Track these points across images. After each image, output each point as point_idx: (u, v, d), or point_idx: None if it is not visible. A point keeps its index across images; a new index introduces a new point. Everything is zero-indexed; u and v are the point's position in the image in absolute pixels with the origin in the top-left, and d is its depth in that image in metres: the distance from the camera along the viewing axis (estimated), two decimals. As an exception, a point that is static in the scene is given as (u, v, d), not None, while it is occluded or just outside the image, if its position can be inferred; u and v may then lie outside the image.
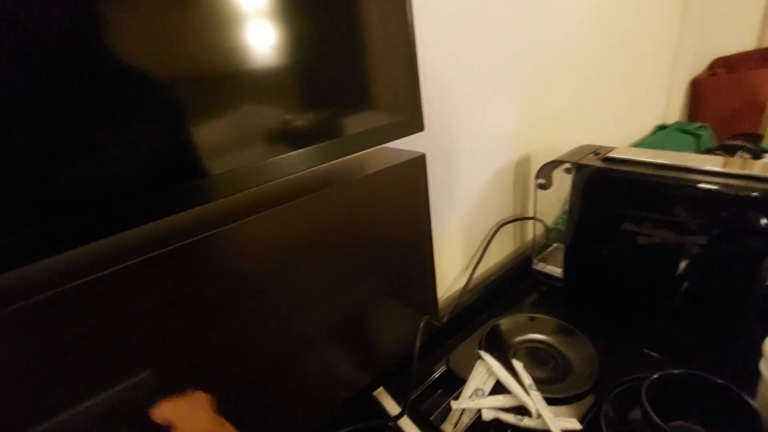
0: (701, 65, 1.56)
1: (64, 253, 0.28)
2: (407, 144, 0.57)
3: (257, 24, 0.33)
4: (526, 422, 0.50)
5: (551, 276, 0.80)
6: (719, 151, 0.97)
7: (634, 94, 1.21)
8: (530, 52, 0.78)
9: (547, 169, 0.72)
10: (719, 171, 0.54)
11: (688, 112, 1.54)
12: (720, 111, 1.43)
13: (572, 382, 0.55)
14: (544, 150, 0.86)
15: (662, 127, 1.31)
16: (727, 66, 1.56)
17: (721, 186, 0.52)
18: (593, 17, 0.92)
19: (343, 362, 0.53)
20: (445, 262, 0.74)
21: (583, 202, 0.68)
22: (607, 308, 0.71)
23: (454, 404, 0.53)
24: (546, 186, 0.74)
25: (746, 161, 0.55)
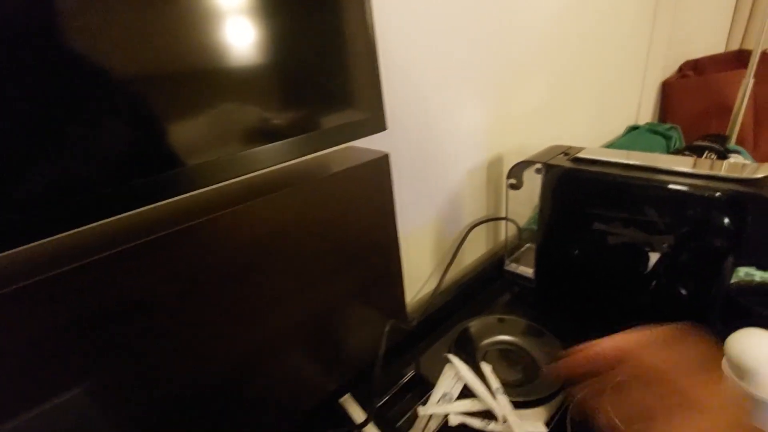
0: (672, 68, 1.60)
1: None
2: (377, 143, 0.55)
3: (219, 21, 0.31)
4: (492, 427, 0.49)
5: (523, 277, 0.79)
6: (687, 152, 0.98)
7: (607, 95, 1.22)
8: (502, 52, 0.77)
9: (518, 170, 0.72)
10: (685, 171, 0.54)
11: (660, 114, 1.57)
12: (689, 112, 1.46)
13: (540, 385, 0.55)
14: (517, 150, 0.86)
15: (634, 128, 1.33)
16: (697, 69, 1.60)
17: (687, 186, 0.52)
18: (565, 19, 0.92)
19: (308, 368, 0.51)
20: (417, 264, 0.73)
21: (553, 203, 0.68)
22: (578, 308, 0.71)
23: (421, 410, 0.52)
24: (517, 186, 0.73)
25: (712, 162, 0.55)
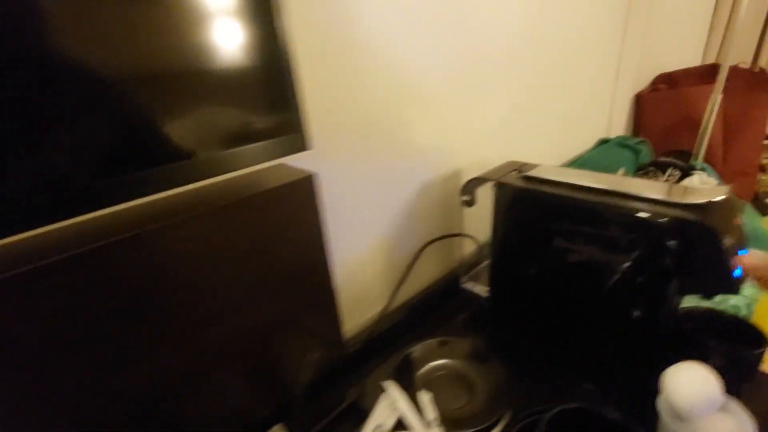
0: (646, 80, 1.60)
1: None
2: (324, 160, 0.53)
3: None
4: (423, 464, 0.46)
5: (479, 295, 0.77)
6: (652, 168, 0.98)
7: (577, 108, 1.22)
8: (462, 67, 0.75)
9: (471, 186, 0.70)
10: (631, 194, 0.52)
11: (633, 126, 1.57)
12: (661, 126, 1.46)
13: (479, 415, 0.52)
14: (478, 164, 0.84)
15: (605, 141, 1.33)
16: (671, 82, 1.60)
17: (630, 210, 0.50)
18: (530, 33, 0.91)
19: (238, 393, 0.48)
20: (368, 285, 0.71)
21: (504, 221, 0.66)
22: (530, 329, 0.69)
23: (352, 443, 0.49)
24: (471, 203, 0.71)
25: (660, 184, 0.54)
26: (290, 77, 0.39)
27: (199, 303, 0.40)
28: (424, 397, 0.53)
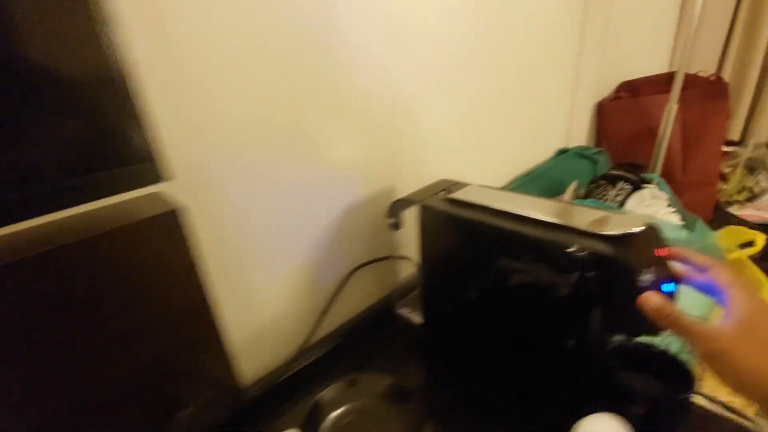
0: (609, 88, 1.58)
1: None
2: (238, 181, 0.48)
3: None
4: None
5: (413, 323, 0.72)
6: (603, 181, 0.94)
7: (534, 118, 1.18)
8: (396, 73, 0.70)
9: (397, 208, 0.64)
10: (549, 222, 0.48)
11: (595, 136, 1.54)
12: (622, 135, 1.44)
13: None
14: (414, 182, 0.79)
15: (564, 151, 1.30)
16: (633, 90, 1.58)
17: (546, 240, 0.46)
18: (475, 39, 0.87)
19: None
20: (280, 319, 0.65)
21: (429, 245, 0.61)
22: (462, 362, 0.64)
23: None
24: (397, 226, 0.66)
25: (584, 210, 0.49)
26: (128, 95, 0.33)
27: (56, 350, 0.34)
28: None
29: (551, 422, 0.49)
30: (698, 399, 0.54)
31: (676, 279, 0.45)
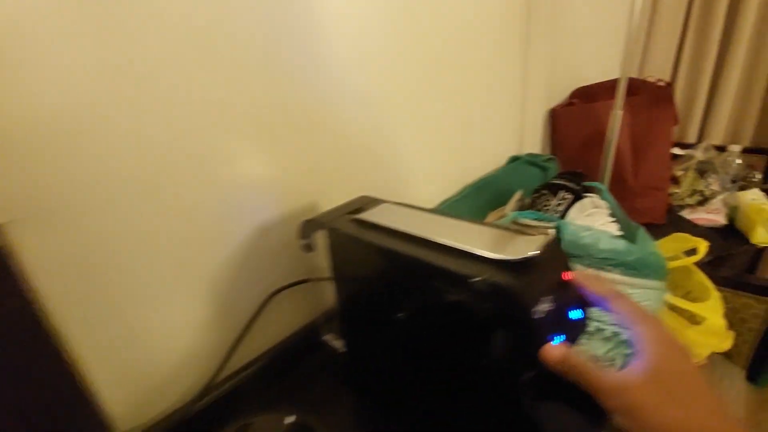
0: (563, 94, 1.57)
1: None
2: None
3: None
4: None
5: (338, 350, 0.67)
6: (544, 190, 0.91)
7: (481, 126, 1.15)
8: (312, 83, 0.66)
9: (308, 229, 0.60)
10: (448, 245, 0.44)
11: (550, 143, 1.53)
12: (574, 142, 1.43)
13: None
14: (342, 200, 0.74)
15: (515, 159, 1.27)
16: (586, 96, 1.58)
17: (437, 264, 0.42)
18: (408, 48, 0.83)
19: None
20: (187, 358, 0.59)
21: (336, 268, 0.56)
22: (379, 391, 0.59)
23: None
24: (310, 248, 0.61)
25: (493, 231, 0.45)
26: None
27: None
28: None
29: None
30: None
31: (584, 304, 0.42)
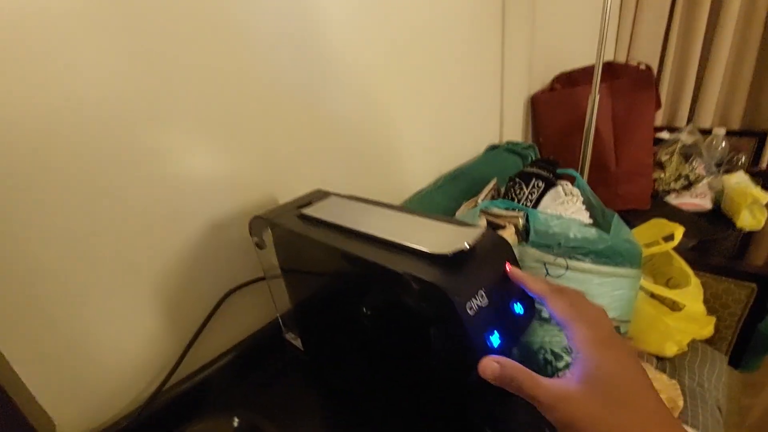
0: (545, 80, 1.54)
1: None
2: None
3: None
4: None
5: (298, 349, 0.65)
6: (517, 179, 0.89)
7: (458, 114, 1.12)
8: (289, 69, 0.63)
9: (257, 225, 0.57)
10: (385, 240, 0.41)
11: (531, 130, 1.51)
12: (555, 128, 1.40)
13: None
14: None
15: (494, 147, 1.25)
16: (569, 81, 1.55)
17: (371, 260, 0.39)
18: (384, 36, 0.80)
19: None
20: (137, 363, 0.57)
21: (284, 264, 0.54)
22: (336, 389, 0.58)
23: None
24: (261, 245, 0.59)
25: (436, 223, 0.43)
26: None
27: None
28: None
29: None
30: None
31: (527, 298, 0.40)
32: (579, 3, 1.61)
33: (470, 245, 0.36)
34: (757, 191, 1.23)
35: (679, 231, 0.86)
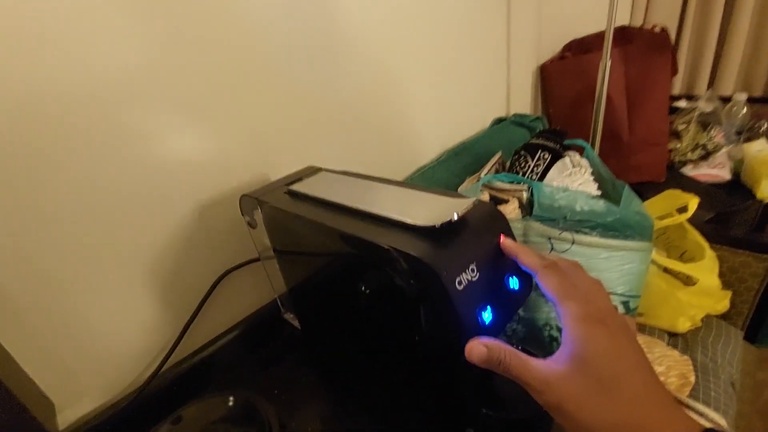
0: (555, 48, 1.47)
1: None
2: None
3: None
4: None
5: (298, 328, 0.65)
6: (523, 151, 0.85)
7: (462, 87, 1.08)
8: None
9: (246, 204, 0.56)
10: (373, 214, 0.39)
11: (541, 101, 1.45)
12: (566, 98, 1.34)
13: None
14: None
15: (501, 120, 1.20)
16: (581, 48, 1.48)
17: (357, 235, 0.37)
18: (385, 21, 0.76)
19: None
20: (134, 344, 0.57)
21: (275, 242, 0.53)
22: (330, 368, 0.57)
23: None
24: (253, 224, 0.57)
25: (428, 196, 0.41)
26: None
27: None
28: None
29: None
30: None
31: (523, 272, 0.37)
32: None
33: (459, 215, 0.33)
34: (780, 159, 1.16)
35: (694, 202, 0.82)
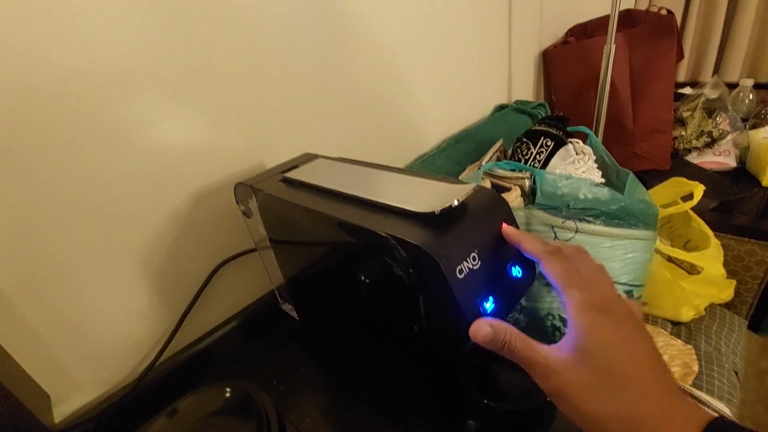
0: (557, 33, 1.44)
1: None
2: None
3: None
4: None
5: (296, 319, 0.64)
6: (525, 138, 0.84)
7: (463, 74, 1.05)
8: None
9: (241, 193, 0.54)
10: (371, 201, 0.38)
11: (543, 87, 1.42)
12: (570, 84, 1.32)
13: None
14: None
15: (502, 107, 1.18)
16: (584, 33, 1.45)
17: (353, 222, 0.36)
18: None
19: None
20: (130, 336, 0.56)
21: (270, 231, 0.52)
22: (328, 359, 0.56)
23: None
24: (248, 213, 0.56)
25: (426, 182, 0.39)
26: None
27: None
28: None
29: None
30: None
31: (526, 260, 0.36)
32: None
33: (459, 202, 0.32)
34: (787, 146, 1.14)
35: (699, 189, 0.80)
